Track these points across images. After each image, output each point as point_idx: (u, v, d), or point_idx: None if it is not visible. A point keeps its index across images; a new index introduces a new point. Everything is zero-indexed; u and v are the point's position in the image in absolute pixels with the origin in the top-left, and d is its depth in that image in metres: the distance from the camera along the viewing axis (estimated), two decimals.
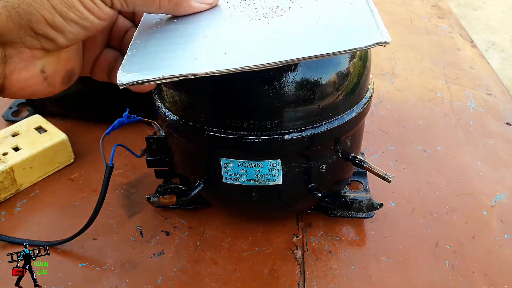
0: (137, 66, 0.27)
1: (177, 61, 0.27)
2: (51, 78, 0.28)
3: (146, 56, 0.28)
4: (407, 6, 0.87)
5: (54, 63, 0.28)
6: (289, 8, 0.31)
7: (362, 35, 0.26)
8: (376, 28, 0.26)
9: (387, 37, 0.25)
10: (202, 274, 0.39)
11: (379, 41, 0.25)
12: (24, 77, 0.26)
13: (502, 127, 0.56)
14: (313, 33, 0.27)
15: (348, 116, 0.35)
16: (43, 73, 0.27)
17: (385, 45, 0.25)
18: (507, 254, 0.40)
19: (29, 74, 0.26)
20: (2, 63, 0.25)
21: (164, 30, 0.30)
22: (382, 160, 0.51)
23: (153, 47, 0.29)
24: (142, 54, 0.28)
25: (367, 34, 0.26)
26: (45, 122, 0.52)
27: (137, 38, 0.30)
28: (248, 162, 0.35)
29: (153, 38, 0.30)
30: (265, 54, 0.26)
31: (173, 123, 0.36)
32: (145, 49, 0.29)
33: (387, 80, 0.65)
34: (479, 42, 1.96)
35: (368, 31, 0.26)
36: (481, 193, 0.46)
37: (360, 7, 0.29)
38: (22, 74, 0.26)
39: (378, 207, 0.38)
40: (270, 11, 0.31)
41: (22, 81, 0.26)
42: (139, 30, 0.31)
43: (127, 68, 0.27)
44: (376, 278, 0.38)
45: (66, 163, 0.51)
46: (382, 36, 0.25)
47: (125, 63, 0.28)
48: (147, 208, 0.46)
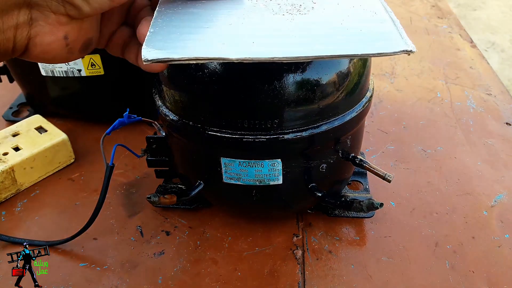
0: (162, 44, 0.27)
1: (204, 43, 0.27)
2: (72, 45, 0.29)
3: (170, 35, 0.28)
4: (407, 6, 0.87)
5: (77, 31, 0.29)
6: (312, 8, 0.31)
7: (387, 42, 0.27)
8: (399, 36, 0.27)
9: (412, 46, 0.26)
10: (202, 274, 0.39)
11: (405, 49, 0.26)
12: (48, 41, 0.27)
13: (502, 127, 0.56)
14: (340, 34, 0.28)
15: (348, 116, 0.35)
16: (66, 40, 0.28)
17: (410, 53, 0.26)
18: (507, 254, 0.40)
19: (53, 39, 0.27)
20: (28, 25, 0.26)
21: (186, 13, 0.30)
22: (382, 160, 0.51)
23: (176, 27, 0.29)
24: (165, 32, 0.28)
25: (392, 41, 0.27)
26: (45, 122, 0.52)
27: (158, 16, 0.30)
28: (249, 162, 0.35)
29: (175, 19, 0.30)
30: (294, 48, 0.27)
31: (173, 123, 0.36)
32: (168, 28, 0.28)
33: (387, 80, 0.65)
34: (479, 42, 1.96)
35: (393, 38, 0.27)
36: (481, 193, 0.46)
37: (382, 16, 0.29)
38: (46, 38, 0.27)
39: (378, 207, 0.38)
40: (293, 8, 0.31)
41: (46, 45, 0.27)
42: (159, 10, 0.31)
43: (152, 44, 0.27)
44: (376, 278, 0.38)
45: (66, 163, 0.51)
46: (407, 45, 0.26)
47: (148, 39, 0.27)
48: (147, 208, 0.46)
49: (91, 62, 0.49)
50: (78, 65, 0.49)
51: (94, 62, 0.50)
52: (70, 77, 0.51)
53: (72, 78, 0.51)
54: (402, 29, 0.28)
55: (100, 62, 0.50)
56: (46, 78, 0.52)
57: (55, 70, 0.50)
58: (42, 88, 0.54)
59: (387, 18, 0.29)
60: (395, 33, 0.28)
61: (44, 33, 0.27)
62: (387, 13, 0.30)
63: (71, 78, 0.51)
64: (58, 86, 0.53)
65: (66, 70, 0.50)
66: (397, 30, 0.28)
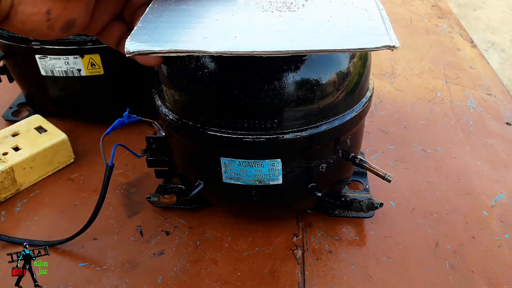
0: (146, 37, 0.28)
1: (186, 37, 0.28)
2: (53, 22, 0.29)
3: (156, 30, 0.29)
4: (407, 6, 0.87)
5: (61, 9, 0.29)
6: (302, 5, 0.32)
7: (371, 37, 0.27)
8: (386, 32, 0.27)
9: (395, 42, 0.26)
10: (202, 274, 0.39)
11: (387, 44, 0.26)
12: (30, 12, 0.27)
13: (502, 127, 0.56)
14: (324, 30, 0.28)
15: (348, 116, 0.35)
16: (48, 15, 0.28)
17: (393, 49, 0.26)
18: (507, 254, 0.40)
19: (35, 11, 0.27)
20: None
21: (177, 9, 0.31)
22: (382, 160, 0.51)
23: (164, 22, 0.30)
24: (152, 27, 0.29)
25: (376, 36, 0.27)
26: (45, 122, 0.52)
27: (149, 12, 0.31)
28: (248, 161, 0.35)
29: (165, 14, 0.31)
30: (275, 43, 0.27)
31: (173, 122, 0.36)
32: (156, 23, 0.30)
33: (387, 80, 0.65)
34: (479, 42, 1.96)
35: (377, 34, 0.27)
36: (481, 193, 0.46)
37: (372, 13, 0.30)
38: (28, 8, 0.27)
39: (378, 207, 0.38)
40: (283, 5, 0.32)
41: (26, 15, 0.27)
42: (152, 6, 0.32)
43: (136, 38, 0.28)
44: (376, 278, 0.38)
45: (66, 163, 0.51)
46: (391, 40, 0.26)
47: (134, 33, 0.28)
48: (147, 208, 0.46)
49: (91, 62, 0.49)
50: (77, 64, 0.49)
51: (94, 62, 0.50)
52: (70, 76, 0.51)
53: (72, 78, 0.51)
54: (390, 25, 0.28)
55: (100, 62, 0.50)
56: (46, 78, 0.51)
57: (54, 70, 0.50)
58: (41, 88, 0.54)
59: (377, 15, 0.29)
60: (382, 29, 0.28)
61: (27, 2, 0.27)
62: (378, 10, 0.30)
63: (71, 78, 0.51)
64: (58, 86, 0.53)
65: (66, 70, 0.50)
66: (384, 26, 0.28)
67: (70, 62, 0.49)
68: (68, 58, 0.49)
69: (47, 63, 0.50)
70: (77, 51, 0.49)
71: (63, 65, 0.50)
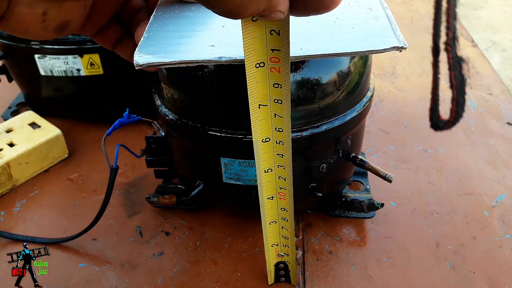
0: (154, 49, 0.28)
1: (194, 47, 0.28)
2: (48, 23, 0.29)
3: (163, 40, 0.29)
4: (408, 5, 0.87)
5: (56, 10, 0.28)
6: None
7: (379, 39, 0.27)
8: (393, 33, 0.27)
9: (403, 43, 0.26)
10: (202, 274, 0.39)
11: (395, 45, 0.26)
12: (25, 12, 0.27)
13: (503, 127, 0.55)
14: (331, 33, 0.28)
15: (349, 116, 0.35)
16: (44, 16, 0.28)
17: (402, 50, 0.26)
18: (508, 254, 0.40)
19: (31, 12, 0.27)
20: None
21: (182, 17, 0.31)
22: (383, 160, 0.51)
23: (170, 32, 0.29)
24: (159, 37, 0.29)
25: (383, 38, 0.27)
26: (38, 118, 0.52)
27: (154, 21, 0.31)
28: (248, 162, 0.35)
29: (170, 23, 0.30)
30: None
31: (173, 122, 0.36)
32: (162, 33, 0.29)
33: (387, 80, 0.65)
34: (479, 41, 1.96)
35: (385, 35, 0.27)
36: (482, 193, 0.46)
37: (377, 13, 0.29)
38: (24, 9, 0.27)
39: (379, 207, 0.38)
40: None
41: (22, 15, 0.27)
42: (156, 14, 0.32)
43: (144, 50, 0.27)
44: (377, 278, 0.38)
45: (61, 158, 0.51)
46: (399, 41, 0.26)
47: (142, 44, 0.28)
48: (147, 208, 0.46)
49: (90, 62, 0.49)
50: (77, 64, 0.49)
51: (94, 62, 0.49)
52: (69, 76, 0.50)
53: (71, 78, 0.51)
54: (396, 25, 0.28)
55: (99, 61, 0.49)
56: (45, 78, 0.51)
57: (54, 69, 0.50)
58: (41, 88, 0.54)
59: (382, 14, 0.29)
60: (388, 29, 0.27)
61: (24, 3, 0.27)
62: (383, 10, 0.30)
63: (70, 78, 0.51)
64: (57, 85, 0.53)
65: (65, 70, 0.50)
66: (390, 26, 0.28)
67: (69, 62, 0.49)
68: (68, 58, 0.49)
69: (46, 62, 0.50)
70: (77, 50, 0.48)
71: (62, 65, 0.50)
